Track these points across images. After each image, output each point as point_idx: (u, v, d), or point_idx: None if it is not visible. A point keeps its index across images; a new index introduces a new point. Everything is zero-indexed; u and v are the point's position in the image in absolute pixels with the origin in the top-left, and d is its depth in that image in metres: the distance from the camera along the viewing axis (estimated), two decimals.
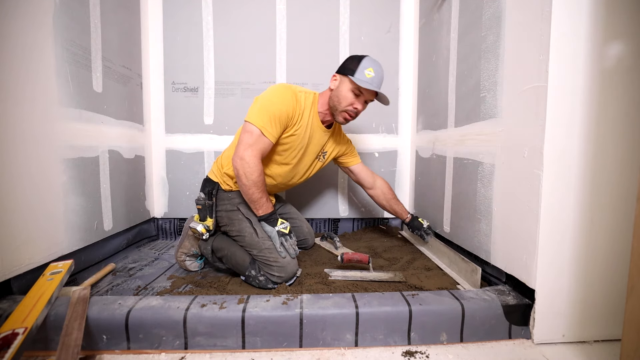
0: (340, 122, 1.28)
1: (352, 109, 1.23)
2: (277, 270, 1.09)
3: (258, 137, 1.12)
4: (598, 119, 0.83)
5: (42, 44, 1.05)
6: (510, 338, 0.90)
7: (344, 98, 1.21)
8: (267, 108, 1.13)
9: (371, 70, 1.20)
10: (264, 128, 1.12)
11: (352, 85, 1.19)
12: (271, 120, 1.13)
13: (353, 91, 1.20)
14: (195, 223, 1.22)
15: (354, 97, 1.21)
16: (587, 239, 0.86)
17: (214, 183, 1.28)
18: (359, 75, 1.18)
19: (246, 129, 1.13)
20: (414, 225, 1.49)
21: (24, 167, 0.99)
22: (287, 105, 1.16)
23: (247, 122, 1.13)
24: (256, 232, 1.16)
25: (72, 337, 0.75)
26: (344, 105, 1.22)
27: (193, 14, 1.74)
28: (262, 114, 1.12)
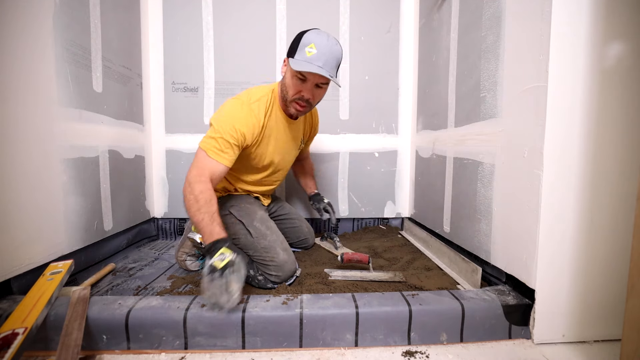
0: (294, 114, 1.13)
1: (298, 97, 1.07)
2: (274, 270, 1.09)
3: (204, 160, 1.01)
4: (598, 119, 0.83)
5: (42, 44, 1.05)
6: (510, 338, 0.90)
7: (289, 86, 1.06)
8: (217, 131, 1.02)
9: (312, 46, 0.99)
10: (216, 153, 1.02)
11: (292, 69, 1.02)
12: (221, 144, 1.02)
13: (297, 76, 1.03)
14: (193, 233, 1.21)
15: (299, 83, 1.04)
16: (587, 238, 0.86)
17: None
18: (299, 55, 1.00)
19: (197, 155, 1.03)
20: (315, 199, 1.49)
21: (24, 167, 0.99)
22: (240, 125, 1.04)
23: (200, 147, 1.03)
24: (250, 233, 1.16)
25: (72, 337, 0.75)
26: (291, 94, 1.07)
27: (193, 14, 1.74)
28: (212, 138, 1.03)
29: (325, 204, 1.47)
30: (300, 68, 0.99)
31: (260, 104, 1.11)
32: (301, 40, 1.01)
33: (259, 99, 1.11)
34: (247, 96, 1.11)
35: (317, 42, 0.99)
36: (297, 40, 1.03)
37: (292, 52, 1.03)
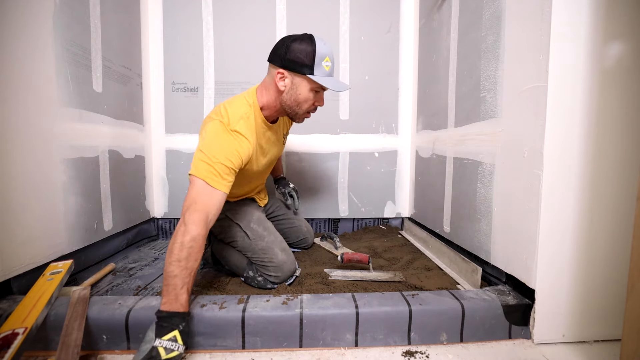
0: (300, 122, 1.11)
1: (313, 108, 1.07)
2: (274, 270, 1.09)
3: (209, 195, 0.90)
4: (598, 119, 0.83)
5: (42, 44, 1.05)
6: (510, 338, 0.90)
7: (305, 101, 1.02)
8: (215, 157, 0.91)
9: (327, 60, 0.97)
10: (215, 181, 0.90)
11: (314, 84, 0.99)
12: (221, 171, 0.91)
13: (314, 90, 1.01)
14: None
15: (314, 95, 1.02)
16: (587, 239, 0.86)
17: None
18: (318, 71, 0.97)
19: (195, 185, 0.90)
20: (280, 183, 1.47)
21: (24, 167, 0.99)
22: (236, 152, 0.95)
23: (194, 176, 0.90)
24: (247, 235, 1.15)
25: (72, 337, 0.75)
26: (305, 107, 1.04)
27: (193, 14, 1.74)
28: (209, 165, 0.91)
29: (290, 189, 1.45)
30: (335, 87, 0.98)
31: (245, 124, 1.01)
32: (315, 54, 0.96)
33: (242, 118, 1.00)
34: (226, 118, 0.99)
35: (328, 53, 0.99)
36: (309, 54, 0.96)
37: (307, 68, 0.97)
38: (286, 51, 0.97)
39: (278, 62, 0.99)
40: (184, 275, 0.80)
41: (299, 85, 1.00)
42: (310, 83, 0.99)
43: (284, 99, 1.03)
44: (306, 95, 1.01)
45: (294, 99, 1.02)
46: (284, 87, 1.01)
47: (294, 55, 0.96)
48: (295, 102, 1.03)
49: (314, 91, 1.02)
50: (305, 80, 0.99)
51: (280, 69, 0.99)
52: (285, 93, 1.02)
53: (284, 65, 0.98)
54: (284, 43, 0.99)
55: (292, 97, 1.02)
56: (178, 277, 0.79)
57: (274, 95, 1.04)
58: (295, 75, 0.99)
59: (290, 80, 1.00)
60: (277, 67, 0.99)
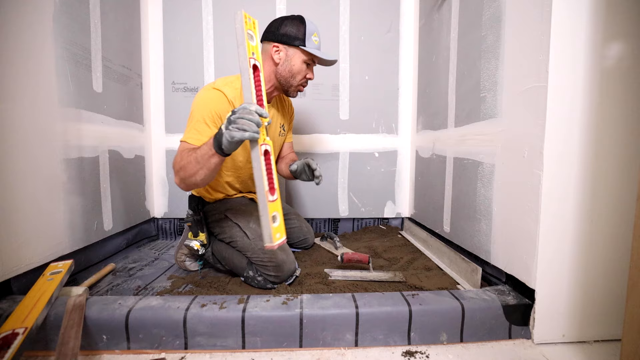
0: (293, 96, 1.19)
1: (306, 81, 1.16)
2: (273, 270, 1.09)
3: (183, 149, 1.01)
4: (598, 119, 0.83)
5: (42, 43, 1.05)
6: (510, 338, 0.90)
7: (299, 72, 1.12)
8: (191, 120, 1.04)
9: (316, 35, 1.10)
10: (192, 138, 1.01)
11: (307, 56, 1.11)
12: (198, 128, 1.02)
13: (306, 62, 1.12)
14: (189, 240, 1.21)
15: (306, 67, 1.13)
16: (587, 239, 0.86)
17: (197, 198, 1.27)
18: (309, 44, 1.09)
19: (179, 149, 1.02)
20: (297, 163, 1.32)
21: (24, 167, 0.99)
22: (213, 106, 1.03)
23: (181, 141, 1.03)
24: (247, 235, 1.16)
25: (69, 347, 0.74)
26: (299, 79, 1.13)
27: (193, 14, 1.74)
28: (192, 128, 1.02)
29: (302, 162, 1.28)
30: (325, 57, 1.10)
31: (232, 87, 1.10)
32: (305, 28, 1.08)
33: (231, 82, 1.11)
34: (216, 82, 1.11)
35: (316, 30, 1.12)
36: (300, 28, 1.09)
37: (299, 41, 1.08)
38: (279, 27, 1.10)
39: (272, 38, 1.11)
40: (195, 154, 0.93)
41: (292, 56, 1.11)
42: (303, 54, 1.10)
43: (279, 70, 1.12)
44: (299, 67, 1.12)
45: (289, 70, 1.11)
46: (279, 60, 1.10)
47: (287, 29, 1.09)
48: (289, 73, 1.12)
49: (306, 63, 1.13)
50: (298, 51, 1.10)
51: (275, 42, 1.10)
52: (280, 65, 1.11)
53: (278, 40, 1.10)
54: (276, 21, 1.12)
55: (287, 68, 1.11)
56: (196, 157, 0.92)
57: (269, 70, 1.13)
58: (289, 47, 1.10)
59: (285, 52, 1.11)
60: (272, 42, 1.10)
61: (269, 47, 1.11)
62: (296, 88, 1.16)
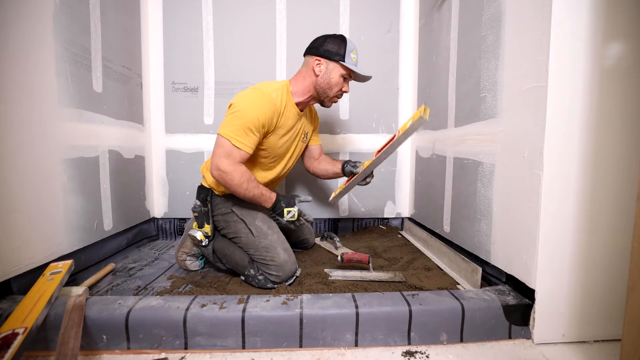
0: (328, 106, 1.28)
1: (341, 93, 1.25)
2: (275, 270, 1.09)
3: (231, 150, 1.08)
4: (598, 119, 0.83)
5: (42, 44, 1.05)
6: (510, 338, 0.90)
7: (336, 84, 1.21)
8: (241, 119, 1.07)
9: (354, 53, 1.20)
10: (237, 140, 1.07)
11: (345, 71, 1.19)
12: (244, 131, 1.08)
13: (343, 76, 1.21)
14: (194, 230, 1.22)
15: (343, 81, 1.22)
16: (587, 238, 0.86)
17: (207, 189, 1.28)
18: (348, 60, 1.18)
19: (219, 143, 1.09)
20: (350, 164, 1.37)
21: (24, 167, 0.99)
22: (263, 113, 1.10)
23: (219, 135, 1.09)
24: (251, 232, 1.16)
25: (69, 347, 0.74)
26: (335, 91, 1.22)
27: (193, 14, 1.74)
28: (234, 125, 1.07)
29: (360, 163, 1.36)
30: (362, 72, 1.19)
31: (281, 93, 1.18)
32: (346, 46, 1.18)
33: (276, 90, 1.18)
34: (264, 86, 1.17)
35: (355, 48, 1.21)
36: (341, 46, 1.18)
37: (339, 57, 1.17)
38: (323, 43, 1.19)
39: (315, 52, 1.20)
40: (258, 190, 1.13)
41: (332, 70, 1.19)
42: (342, 68, 1.19)
43: (318, 81, 1.21)
44: (337, 80, 1.20)
45: (327, 82, 1.20)
46: (319, 72, 1.20)
47: (330, 46, 1.18)
48: (327, 85, 1.20)
49: (343, 77, 1.21)
50: (338, 66, 1.19)
51: (317, 57, 1.19)
52: (320, 77, 1.20)
53: (321, 54, 1.19)
54: (320, 38, 1.22)
55: (326, 80, 1.20)
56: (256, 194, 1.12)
57: (309, 81, 1.22)
58: (329, 61, 1.19)
59: (326, 66, 1.19)
60: (314, 56, 1.20)
61: (312, 60, 1.20)
62: (331, 99, 1.25)
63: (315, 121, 1.47)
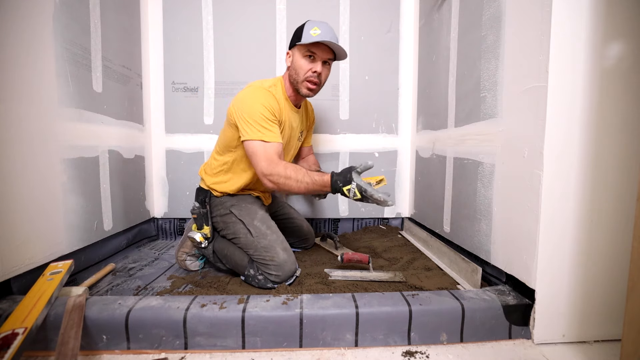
0: (306, 94, 1.21)
1: (311, 74, 1.17)
2: (274, 269, 1.09)
3: (264, 148, 1.09)
4: (598, 119, 0.83)
5: (42, 44, 1.05)
6: (510, 338, 0.90)
7: (300, 67, 1.17)
8: (252, 116, 1.09)
9: (316, 29, 1.14)
10: (264, 136, 1.09)
11: (303, 49, 1.15)
12: (265, 124, 1.10)
13: (305, 55, 1.16)
14: (193, 232, 1.22)
15: (309, 61, 1.16)
16: (587, 239, 0.86)
17: (205, 191, 1.28)
18: (305, 38, 1.14)
19: (250, 150, 1.10)
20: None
21: (24, 167, 0.99)
22: (268, 103, 1.12)
23: (246, 142, 1.10)
24: (250, 233, 1.16)
25: (69, 347, 0.74)
26: (302, 74, 1.17)
27: (193, 14, 1.73)
28: (252, 125, 1.09)
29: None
30: (311, 40, 1.11)
31: (276, 89, 1.19)
32: (304, 27, 1.15)
33: (272, 85, 1.19)
34: (259, 83, 1.18)
35: (319, 25, 1.15)
36: (300, 29, 1.17)
37: (296, 39, 1.16)
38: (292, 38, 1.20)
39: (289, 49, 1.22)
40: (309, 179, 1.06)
41: (294, 55, 1.19)
42: (300, 49, 1.17)
43: (290, 73, 1.21)
44: (300, 62, 1.17)
45: (294, 69, 1.19)
46: (289, 63, 1.20)
47: (293, 36, 1.19)
48: (295, 71, 1.19)
49: (307, 57, 1.17)
50: (296, 49, 1.18)
51: (288, 50, 1.22)
52: (290, 68, 1.20)
53: (289, 47, 1.21)
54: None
55: (293, 68, 1.19)
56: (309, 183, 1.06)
57: (287, 75, 1.23)
58: (293, 50, 1.20)
59: (292, 55, 1.20)
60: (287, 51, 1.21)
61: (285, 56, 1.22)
62: (303, 84, 1.19)
63: (309, 120, 1.47)
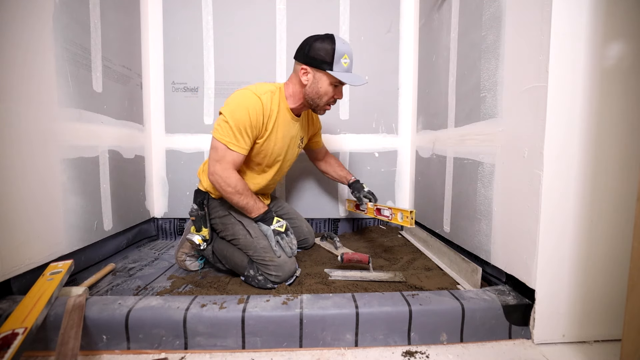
0: (321, 114, 1.23)
1: (333, 101, 1.19)
2: (274, 270, 1.09)
3: (225, 152, 1.08)
4: (598, 119, 0.83)
5: (42, 43, 1.05)
6: (510, 338, 0.90)
7: (325, 93, 1.14)
8: (231, 121, 1.07)
9: (346, 57, 1.10)
10: (230, 143, 1.08)
11: (333, 79, 1.12)
12: (236, 134, 1.07)
13: (333, 84, 1.14)
14: (192, 235, 1.21)
15: (334, 89, 1.15)
16: (587, 238, 0.86)
17: (203, 193, 1.27)
18: (337, 67, 1.09)
19: (213, 145, 1.10)
20: (355, 187, 1.47)
21: (24, 167, 0.99)
22: (252, 115, 1.08)
23: (214, 138, 1.10)
24: (250, 234, 1.16)
25: (69, 347, 0.74)
26: (325, 100, 1.16)
27: (193, 14, 1.74)
28: (227, 128, 1.07)
29: (365, 192, 1.45)
30: (351, 82, 1.10)
31: (272, 96, 1.15)
32: (335, 51, 1.08)
33: (267, 92, 1.14)
34: (254, 88, 1.14)
35: (347, 51, 1.11)
36: (329, 52, 1.08)
37: (327, 65, 1.09)
38: (309, 49, 1.10)
39: (302, 59, 1.12)
40: (252, 199, 1.13)
41: (319, 79, 1.12)
42: (330, 78, 1.12)
43: (306, 91, 1.15)
44: (326, 89, 1.14)
45: (315, 92, 1.14)
46: (306, 82, 1.13)
47: (316, 52, 1.09)
48: (316, 95, 1.15)
49: (333, 85, 1.14)
50: (325, 76, 1.12)
51: (304, 65, 1.12)
52: (307, 87, 1.14)
53: (307, 62, 1.11)
54: (307, 42, 1.12)
55: (314, 90, 1.14)
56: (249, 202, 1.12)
57: (298, 88, 1.17)
58: (316, 70, 1.12)
59: (312, 75, 1.12)
60: (301, 64, 1.13)
61: (299, 67, 1.14)
62: (323, 107, 1.20)
63: (314, 126, 1.44)
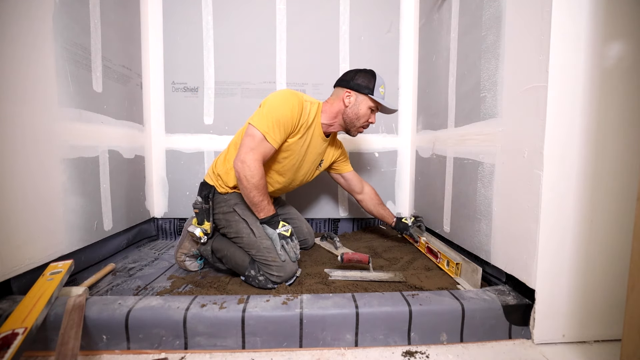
0: (354, 136, 1.33)
1: (367, 124, 1.30)
2: (276, 270, 1.09)
3: (260, 142, 1.11)
4: (598, 119, 0.83)
5: (42, 44, 1.05)
6: (510, 338, 0.90)
7: (364, 115, 1.27)
8: (272, 113, 1.12)
9: (383, 87, 1.27)
10: (267, 133, 1.11)
11: (373, 103, 1.25)
12: (275, 126, 1.12)
13: (371, 108, 1.26)
14: (193, 227, 1.22)
15: (370, 113, 1.28)
16: (587, 239, 0.86)
17: (210, 186, 1.28)
18: (377, 94, 1.24)
19: (249, 132, 1.12)
20: (399, 228, 1.50)
21: (24, 167, 0.99)
22: (292, 112, 1.15)
23: (251, 125, 1.12)
24: (253, 233, 1.16)
25: (69, 347, 0.74)
26: (362, 121, 1.28)
27: (193, 14, 1.74)
28: (267, 118, 1.11)
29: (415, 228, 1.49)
30: (388, 106, 1.25)
31: (311, 107, 1.24)
32: (375, 81, 1.25)
33: (311, 103, 1.25)
34: (301, 94, 1.23)
35: (383, 82, 1.29)
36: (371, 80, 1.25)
37: (368, 90, 1.24)
38: (354, 77, 1.26)
39: (346, 84, 1.27)
40: (261, 194, 1.13)
41: (361, 102, 1.26)
42: (370, 101, 1.25)
43: (347, 112, 1.27)
44: (365, 111, 1.26)
45: (355, 113, 1.26)
46: (349, 103, 1.26)
47: (360, 80, 1.25)
48: (355, 116, 1.27)
49: (370, 109, 1.27)
50: (366, 99, 1.25)
51: (348, 89, 1.26)
52: (349, 107, 1.26)
53: (351, 87, 1.25)
54: (351, 72, 1.29)
55: (354, 111, 1.26)
56: (263, 201, 1.14)
57: (337, 108, 1.28)
58: (359, 94, 1.25)
59: (355, 98, 1.26)
60: (345, 88, 1.26)
61: (342, 91, 1.26)
62: (358, 129, 1.30)
63: (338, 152, 1.46)
